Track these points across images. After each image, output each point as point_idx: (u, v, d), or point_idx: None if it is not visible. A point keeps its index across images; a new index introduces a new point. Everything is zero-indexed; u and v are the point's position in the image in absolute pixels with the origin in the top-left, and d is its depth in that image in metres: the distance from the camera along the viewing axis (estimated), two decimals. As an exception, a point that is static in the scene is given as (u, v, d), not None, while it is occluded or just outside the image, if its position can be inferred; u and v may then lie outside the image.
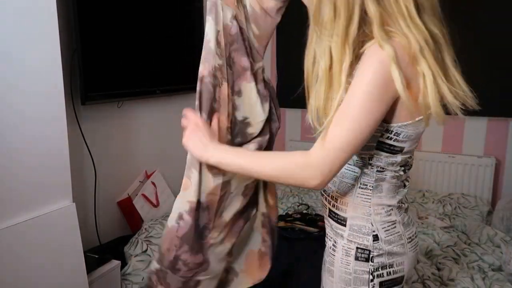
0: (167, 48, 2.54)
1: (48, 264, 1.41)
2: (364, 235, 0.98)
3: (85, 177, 2.12)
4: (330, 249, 1.03)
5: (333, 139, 0.88)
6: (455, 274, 1.57)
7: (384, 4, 0.86)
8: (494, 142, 2.59)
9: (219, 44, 1.18)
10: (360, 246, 0.98)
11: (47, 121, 1.41)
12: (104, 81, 2.10)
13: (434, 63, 0.87)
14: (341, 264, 1.00)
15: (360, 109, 0.85)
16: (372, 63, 0.84)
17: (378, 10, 0.86)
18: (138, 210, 2.36)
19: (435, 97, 0.87)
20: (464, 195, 2.55)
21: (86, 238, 2.07)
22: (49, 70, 1.40)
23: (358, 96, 0.85)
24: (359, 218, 0.99)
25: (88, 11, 1.96)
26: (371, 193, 0.99)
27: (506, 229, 2.04)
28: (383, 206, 0.99)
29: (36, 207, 1.38)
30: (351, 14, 0.87)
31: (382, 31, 0.85)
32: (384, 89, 0.84)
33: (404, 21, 0.86)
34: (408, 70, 0.85)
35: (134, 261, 1.90)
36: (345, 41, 0.88)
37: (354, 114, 0.85)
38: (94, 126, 2.16)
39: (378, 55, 0.84)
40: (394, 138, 0.94)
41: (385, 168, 0.97)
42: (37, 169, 1.38)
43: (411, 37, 0.85)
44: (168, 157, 2.76)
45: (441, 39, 0.91)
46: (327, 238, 1.07)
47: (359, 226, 0.99)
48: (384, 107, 0.86)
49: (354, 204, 1.00)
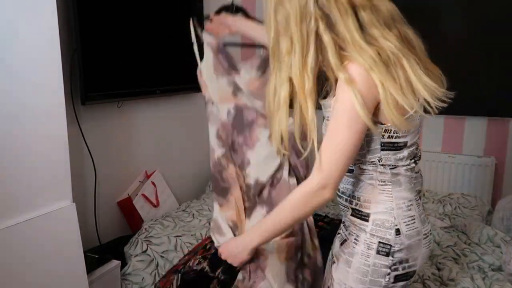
0: (167, 48, 2.54)
1: (48, 264, 1.41)
2: (386, 229, 1.04)
3: (85, 177, 2.12)
4: (352, 242, 1.09)
5: (328, 161, 0.98)
6: (455, 274, 1.57)
7: (336, 30, 0.95)
8: (494, 142, 2.59)
9: (220, 138, 1.41)
10: (382, 240, 1.04)
11: (47, 121, 1.41)
12: (104, 81, 2.10)
13: (386, 77, 0.93)
14: (361, 257, 1.06)
15: (345, 130, 0.96)
16: (343, 88, 0.94)
17: (331, 37, 0.95)
18: (138, 210, 2.37)
19: (390, 110, 0.95)
20: (464, 195, 2.55)
21: (86, 238, 2.07)
22: (49, 70, 1.40)
23: (341, 121, 0.96)
24: (382, 213, 1.05)
25: (88, 11, 1.96)
26: (391, 188, 1.06)
27: (506, 229, 2.04)
28: (404, 200, 1.05)
29: (36, 207, 1.38)
30: (307, 45, 0.96)
31: (336, 59, 0.94)
32: (363, 98, 0.93)
33: (351, 46, 0.94)
34: (371, 87, 0.94)
35: (134, 261, 1.90)
36: (303, 70, 0.97)
37: (341, 137, 0.97)
38: (94, 126, 2.16)
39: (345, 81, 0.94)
40: (394, 136, 1.02)
41: (396, 165, 1.05)
42: (37, 169, 1.38)
43: (359, 59, 0.93)
44: (168, 157, 2.76)
45: (395, 49, 0.96)
46: (345, 232, 1.14)
47: (382, 221, 1.05)
48: (366, 112, 0.94)
49: (376, 200, 1.06)
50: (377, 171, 1.06)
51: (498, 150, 2.59)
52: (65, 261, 1.47)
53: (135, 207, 2.35)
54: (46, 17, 1.37)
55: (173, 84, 2.62)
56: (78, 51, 1.93)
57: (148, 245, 1.97)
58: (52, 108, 1.42)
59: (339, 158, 0.97)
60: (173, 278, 1.74)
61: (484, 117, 2.58)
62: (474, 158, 2.60)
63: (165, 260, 1.91)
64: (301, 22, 0.96)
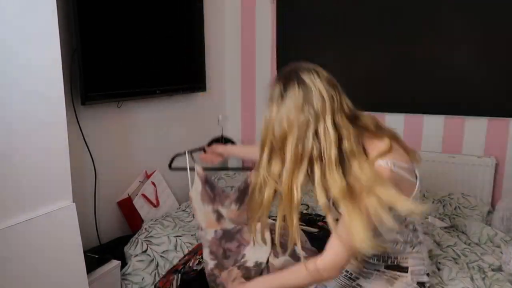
0: (167, 48, 2.54)
1: (48, 264, 1.41)
2: (421, 275, 1.33)
3: (85, 177, 2.12)
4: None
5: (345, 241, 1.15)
6: (455, 274, 1.57)
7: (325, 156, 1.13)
8: (494, 142, 2.59)
9: (212, 253, 1.63)
10: (419, 280, 1.33)
11: (47, 121, 1.40)
12: (104, 81, 2.10)
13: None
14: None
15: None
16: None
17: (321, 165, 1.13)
18: (138, 210, 2.37)
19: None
20: (464, 195, 2.54)
21: (86, 238, 2.07)
22: (49, 70, 1.40)
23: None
24: (418, 265, 1.33)
25: (88, 11, 1.96)
26: (419, 245, 1.33)
27: (506, 229, 2.04)
28: (423, 246, 1.36)
29: (36, 207, 1.38)
30: (300, 164, 1.11)
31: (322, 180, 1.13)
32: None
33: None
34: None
35: (134, 261, 1.90)
36: (292, 184, 1.13)
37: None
38: (94, 126, 2.16)
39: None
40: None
41: (417, 228, 1.33)
42: (37, 169, 1.38)
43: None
44: (168, 157, 2.75)
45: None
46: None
47: (419, 270, 1.33)
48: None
49: (412, 257, 1.32)
50: (403, 236, 1.30)
51: (498, 150, 2.59)
52: (65, 261, 1.47)
53: (135, 207, 2.36)
54: (46, 17, 1.37)
55: (173, 84, 2.62)
56: (78, 51, 1.93)
57: (148, 245, 1.97)
58: (52, 108, 1.42)
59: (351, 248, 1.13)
60: (173, 278, 1.74)
61: (484, 117, 2.57)
62: (474, 158, 2.60)
63: (165, 260, 1.91)
64: (297, 143, 1.10)
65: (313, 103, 1.08)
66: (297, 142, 1.09)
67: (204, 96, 3.07)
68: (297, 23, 3.00)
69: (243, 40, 3.27)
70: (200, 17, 2.81)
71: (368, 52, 2.80)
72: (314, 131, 1.08)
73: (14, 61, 1.29)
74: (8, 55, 1.27)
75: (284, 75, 1.15)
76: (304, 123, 1.08)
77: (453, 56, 2.57)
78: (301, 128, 1.08)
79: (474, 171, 2.60)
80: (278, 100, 1.11)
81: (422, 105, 2.70)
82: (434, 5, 2.57)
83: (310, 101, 1.09)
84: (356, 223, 1.08)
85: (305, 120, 1.08)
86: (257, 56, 3.22)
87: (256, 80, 3.27)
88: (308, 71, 1.13)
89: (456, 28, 2.55)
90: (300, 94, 1.09)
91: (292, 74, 1.13)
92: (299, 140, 1.09)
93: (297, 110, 1.08)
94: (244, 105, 3.36)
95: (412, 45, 2.66)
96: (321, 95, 1.09)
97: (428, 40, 2.61)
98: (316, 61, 1.19)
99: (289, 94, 1.10)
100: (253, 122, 3.34)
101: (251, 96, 3.32)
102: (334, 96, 1.11)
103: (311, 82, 1.10)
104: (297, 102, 1.09)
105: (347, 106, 1.14)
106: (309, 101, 1.09)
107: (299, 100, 1.09)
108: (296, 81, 1.11)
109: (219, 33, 3.22)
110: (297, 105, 1.09)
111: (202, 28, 2.83)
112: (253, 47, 3.23)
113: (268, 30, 3.13)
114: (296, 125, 1.08)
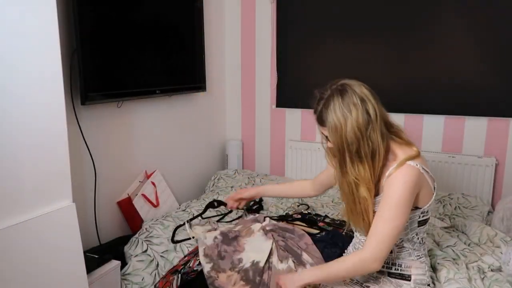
0: (167, 48, 2.54)
1: (48, 264, 1.41)
2: (424, 285, 1.44)
3: (85, 177, 2.12)
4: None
5: (381, 240, 1.31)
6: (452, 276, 1.57)
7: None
8: (494, 142, 2.59)
9: (206, 256, 1.71)
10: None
11: (47, 121, 1.41)
12: (104, 81, 2.10)
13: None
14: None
15: (398, 211, 1.30)
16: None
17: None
18: (138, 210, 2.37)
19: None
20: (464, 195, 2.55)
21: (86, 238, 2.08)
22: (49, 70, 1.40)
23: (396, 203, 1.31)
24: (421, 275, 1.44)
25: (88, 11, 1.96)
26: (423, 252, 1.45)
27: (506, 229, 2.03)
28: (427, 258, 1.51)
29: (36, 207, 1.38)
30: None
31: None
32: (411, 196, 1.31)
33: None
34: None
35: (134, 261, 1.90)
36: (371, 179, 1.36)
37: (394, 217, 1.30)
38: (94, 126, 2.16)
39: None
40: (424, 215, 1.41)
41: (423, 237, 1.46)
42: (37, 169, 1.38)
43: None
44: (168, 157, 2.76)
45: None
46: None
47: (421, 279, 1.43)
48: (411, 205, 1.32)
49: (416, 266, 1.43)
50: (411, 242, 1.42)
51: (498, 150, 2.59)
52: (65, 261, 1.47)
53: (135, 207, 2.36)
54: (46, 17, 1.37)
55: (173, 84, 2.62)
56: (78, 51, 1.93)
57: (148, 245, 1.97)
58: (52, 108, 1.42)
59: (392, 240, 1.30)
60: (173, 279, 1.74)
61: (484, 117, 2.57)
62: (474, 158, 2.60)
63: (165, 260, 1.91)
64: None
65: (369, 112, 1.30)
66: (368, 143, 1.30)
67: (204, 96, 3.07)
68: (297, 23, 3.01)
69: (243, 40, 3.27)
70: (200, 17, 2.81)
71: (368, 51, 2.80)
72: (370, 134, 1.31)
73: (14, 61, 1.29)
74: (8, 55, 1.27)
75: (338, 89, 1.34)
76: (366, 127, 1.30)
77: (453, 56, 2.57)
78: (366, 133, 1.30)
79: (474, 171, 2.60)
80: (342, 111, 1.30)
81: (422, 105, 2.70)
82: (434, 5, 2.57)
83: (367, 110, 1.30)
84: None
85: (366, 125, 1.30)
86: (257, 56, 3.22)
87: (256, 80, 3.27)
88: (358, 84, 1.34)
89: (456, 28, 2.55)
90: (359, 104, 1.30)
91: (346, 87, 1.33)
92: (368, 142, 1.30)
93: (361, 119, 1.29)
94: (244, 105, 3.36)
95: (412, 45, 2.66)
96: (373, 105, 1.31)
97: (429, 40, 2.61)
98: (316, 61, 1.20)
99: (351, 106, 1.30)
100: (253, 122, 3.35)
101: (251, 96, 3.32)
102: (378, 104, 1.34)
103: (362, 92, 1.32)
104: (358, 112, 1.29)
105: (385, 116, 1.38)
106: (367, 111, 1.30)
107: (359, 110, 1.29)
108: (351, 93, 1.31)
109: (219, 33, 3.22)
110: (359, 115, 1.29)
111: (202, 28, 2.83)
112: (253, 47, 3.23)
113: (268, 30, 3.13)
114: (364, 131, 1.30)
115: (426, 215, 1.41)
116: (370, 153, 1.31)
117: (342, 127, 1.30)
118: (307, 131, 3.11)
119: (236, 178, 3.01)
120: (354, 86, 1.33)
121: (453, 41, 2.56)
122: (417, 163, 1.31)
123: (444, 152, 2.71)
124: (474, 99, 2.56)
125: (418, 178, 1.30)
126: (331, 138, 1.35)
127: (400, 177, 1.29)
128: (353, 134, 1.29)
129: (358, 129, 1.29)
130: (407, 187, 1.28)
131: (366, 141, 1.30)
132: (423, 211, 1.38)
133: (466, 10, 2.51)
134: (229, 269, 1.64)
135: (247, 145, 3.42)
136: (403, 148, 1.36)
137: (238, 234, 1.80)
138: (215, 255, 1.71)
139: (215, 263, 1.67)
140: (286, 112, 3.19)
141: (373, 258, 1.30)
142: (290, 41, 3.05)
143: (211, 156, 3.28)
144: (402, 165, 1.30)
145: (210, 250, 1.73)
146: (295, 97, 3.09)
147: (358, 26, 2.81)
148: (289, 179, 3.08)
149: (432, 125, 2.71)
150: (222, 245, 1.75)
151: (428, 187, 1.36)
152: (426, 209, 1.39)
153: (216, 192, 2.73)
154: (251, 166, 3.42)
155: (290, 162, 3.15)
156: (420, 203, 1.36)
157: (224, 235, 1.80)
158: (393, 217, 1.29)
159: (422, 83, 2.67)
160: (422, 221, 1.41)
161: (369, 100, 1.31)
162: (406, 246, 1.42)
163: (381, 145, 1.31)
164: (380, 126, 1.32)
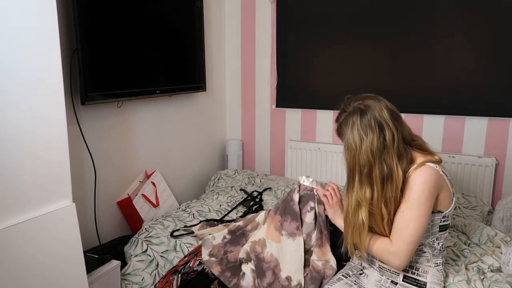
0: (167, 48, 2.54)
1: (48, 264, 1.41)
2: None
3: (85, 177, 2.12)
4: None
5: (408, 241, 1.35)
6: (452, 280, 1.57)
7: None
8: (494, 142, 2.59)
9: (212, 256, 1.79)
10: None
11: (47, 121, 1.40)
12: (104, 81, 2.10)
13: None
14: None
15: (420, 212, 1.33)
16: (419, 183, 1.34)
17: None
18: (138, 210, 2.37)
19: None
20: (464, 195, 2.55)
21: (86, 238, 2.08)
22: (49, 70, 1.40)
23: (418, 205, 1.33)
24: (436, 284, 1.44)
25: (88, 11, 1.96)
26: (441, 261, 1.47)
27: (506, 229, 2.03)
28: (444, 268, 1.51)
29: (36, 207, 1.38)
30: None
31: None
32: (432, 196, 1.33)
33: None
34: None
35: (134, 261, 1.90)
36: (385, 203, 1.38)
37: (418, 217, 1.33)
38: (94, 126, 2.16)
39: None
40: (445, 219, 1.43)
41: (443, 244, 1.47)
42: (37, 169, 1.38)
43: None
44: (168, 157, 2.76)
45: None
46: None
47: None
48: (432, 205, 1.34)
49: (432, 273, 1.44)
50: (431, 248, 1.43)
51: (498, 150, 2.59)
52: (65, 261, 1.47)
53: (135, 207, 2.36)
54: (46, 17, 1.37)
55: (173, 84, 2.62)
56: (78, 51, 1.93)
57: (148, 245, 1.97)
58: (52, 108, 1.42)
59: (414, 239, 1.34)
60: (173, 279, 1.75)
61: (484, 117, 2.58)
62: (474, 158, 2.60)
63: (165, 260, 1.92)
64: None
65: (386, 138, 1.31)
66: (380, 168, 1.31)
67: (204, 96, 3.07)
68: (297, 23, 3.01)
69: (243, 40, 3.27)
70: (200, 17, 2.81)
71: (368, 51, 2.80)
72: (384, 158, 1.32)
73: (14, 61, 1.29)
74: (7, 55, 1.27)
75: (359, 109, 1.35)
76: (381, 152, 1.31)
77: (454, 56, 2.57)
78: (380, 157, 1.31)
79: (474, 171, 2.60)
80: (359, 133, 1.32)
81: (422, 105, 2.70)
82: (434, 5, 2.57)
83: (384, 136, 1.31)
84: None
85: (381, 150, 1.31)
86: (257, 56, 3.22)
87: (256, 80, 3.27)
88: (379, 108, 1.34)
89: (456, 28, 2.55)
90: (375, 130, 1.31)
91: (367, 109, 1.34)
92: (381, 166, 1.31)
93: (375, 143, 1.31)
94: (244, 105, 3.36)
95: (412, 45, 2.66)
96: (391, 131, 1.32)
97: (429, 40, 2.61)
98: (316, 61, 1.20)
99: (368, 130, 1.31)
100: (253, 122, 3.35)
101: (251, 96, 3.32)
102: (398, 127, 1.34)
103: (381, 117, 1.32)
104: (374, 137, 1.31)
105: (407, 133, 1.39)
106: (384, 137, 1.31)
107: (375, 135, 1.31)
108: (371, 116, 1.32)
109: (219, 33, 3.22)
110: (374, 139, 1.30)
111: (202, 28, 2.83)
112: (253, 47, 3.23)
113: (268, 30, 3.13)
114: (378, 155, 1.31)
115: (447, 220, 1.43)
116: (381, 178, 1.32)
117: (357, 148, 1.32)
118: (307, 131, 3.11)
119: (236, 178, 3.01)
120: (375, 110, 1.33)
121: (453, 41, 2.56)
122: (437, 166, 1.35)
123: (444, 152, 2.71)
124: (474, 99, 2.56)
125: (438, 178, 1.33)
126: (345, 155, 1.37)
127: (420, 177, 1.32)
128: (366, 157, 1.31)
129: (371, 152, 1.30)
130: (427, 187, 1.30)
131: (379, 165, 1.31)
132: (444, 215, 1.41)
133: (466, 10, 2.51)
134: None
135: (247, 145, 3.42)
136: (426, 156, 1.38)
137: (244, 229, 1.85)
138: (221, 254, 1.74)
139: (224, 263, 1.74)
140: (286, 112, 3.19)
141: (396, 253, 1.35)
142: (290, 41, 3.05)
143: (211, 156, 3.28)
144: (421, 166, 1.33)
145: (217, 249, 1.77)
146: (295, 97, 3.09)
147: (358, 26, 2.81)
148: (289, 179, 3.08)
149: (432, 125, 2.71)
150: (229, 245, 1.80)
151: (448, 190, 1.38)
152: (447, 214, 1.41)
153: (216, 192, 2.73)
154: (251, 166, 3.43)
155: (290, 162, 3.15)
156: (441, 207, 1.39)
157: (232, 233, 1.86)
158: (416, 218, 1.32)
159: (422, 83, 2.67)
160: (443, 226, 1.43)
161: (388, 125, 1.32)
162: (425, 251, 1.44)
163: (398, 167, 1.32)
164: (397, 150, 1.33)
